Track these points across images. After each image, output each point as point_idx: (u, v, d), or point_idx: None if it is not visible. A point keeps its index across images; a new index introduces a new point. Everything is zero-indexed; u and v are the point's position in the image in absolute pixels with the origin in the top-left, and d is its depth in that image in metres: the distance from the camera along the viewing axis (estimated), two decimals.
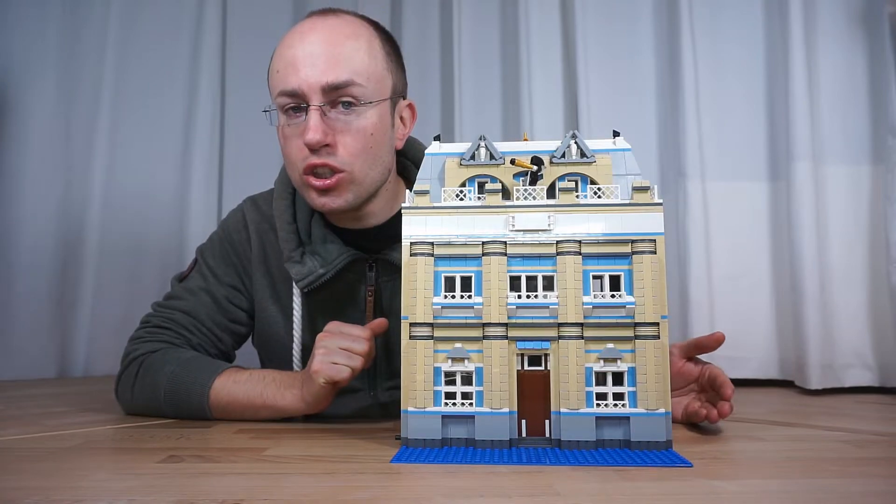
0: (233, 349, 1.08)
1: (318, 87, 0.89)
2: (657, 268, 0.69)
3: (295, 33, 0.93)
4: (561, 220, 0.71)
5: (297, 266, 0.96)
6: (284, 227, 0.99)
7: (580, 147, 0.74)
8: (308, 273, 0.95)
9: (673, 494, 0.54)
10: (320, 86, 0.89)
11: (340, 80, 0.89)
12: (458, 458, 0.66)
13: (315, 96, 0.89)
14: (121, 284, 1.82)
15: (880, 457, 0.70)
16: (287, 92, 0.90)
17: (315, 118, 0.89)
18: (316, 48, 0.90)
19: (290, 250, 0.97)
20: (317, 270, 0.95)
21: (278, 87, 0.91)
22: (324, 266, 0.96)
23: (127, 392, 0.97)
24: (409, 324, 0.71)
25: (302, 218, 1.01)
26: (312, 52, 0.89)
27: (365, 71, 0.91)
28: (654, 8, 1.68)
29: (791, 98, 1.47)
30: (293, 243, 0.97)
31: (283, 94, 0.91)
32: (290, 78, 0.90)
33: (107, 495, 0.54)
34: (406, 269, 0.72)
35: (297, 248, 0.97)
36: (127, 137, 1.87)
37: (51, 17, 1.80)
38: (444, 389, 0.70)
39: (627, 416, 0.67)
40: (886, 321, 1.43)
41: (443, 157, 0.77)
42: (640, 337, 0.68)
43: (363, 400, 1.00)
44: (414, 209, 0.74)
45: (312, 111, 0.89)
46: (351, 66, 0.90)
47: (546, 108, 1.70)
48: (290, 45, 0.91)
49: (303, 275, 0.95)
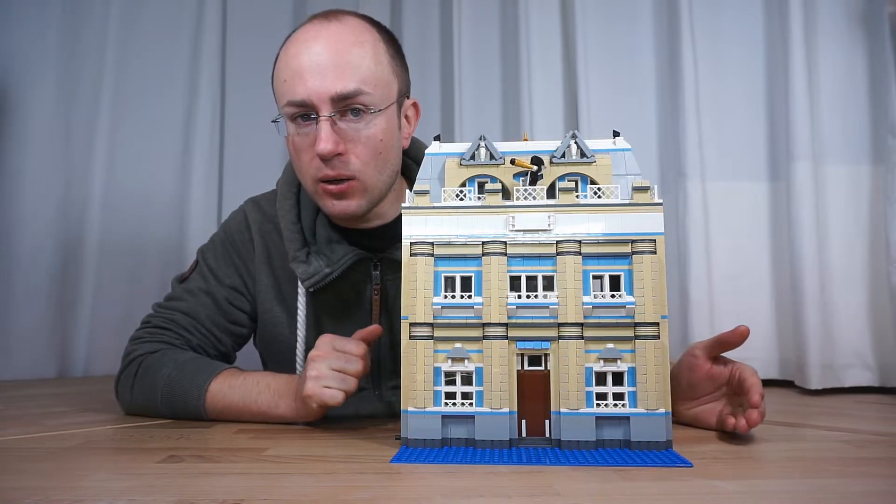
0: (233, 350, 1.08)
1: (326, 98, 0.88)
2: (657, 268, 0.69)
3: (299, 41, 0.92)
4: (561, 220, 0.71)
5: (302, 266, 0.96)
6: (289, 227, 0.99)
7: (580, 147, 0.74)
8: (314, 273, 0.95)
9: (673, 494, 0.54)
10: (329, 96, 0.88)
11: (349, 89, 0.89)
12: (458, 458, 0.66)
13: (324, 106, 0.89)
14: (121, 284, 1.82)
15: (880, 457, 0.70)
16: (295, 102, 0.90)
17: (326, 129, 0.88)
18: (322, 57, 0.89)
19: (296, 250, 0.97)
20: (322, 270, 0.95)
21: (286, 96, 0.91)
22: (329, 266, 0.96)
23: (126, 392, 0.97)
24: (409, 324, 0.71)
25: (307, 218, 1.01)
26: (319, 61, 0.89)
27: (372, 78, 0.91)
28: (654, 8, 1.68)
29: (791, 98, 1.47)
30: (298, 243, 0.97)
31: (291, 104, 0.91)
32: (297, 88, 0.89)
33: (107, 495, 0.54)
34: (406, 269, 0.72)
35: (303, 248, 0.97)
36: (127, 137, 1.87)
37: (51, 17, 1.80)
38: (444, 389, 0.70)
39: (627, 416, 0.67)
40: (886, 321, 1.42)
41: (443, 157, 0.77)
42: (640, 337, 0.69)
43: (368, 399, 1.00)
44: (414, 209, 0.74)
45: (323, 122, 0.89)
46: (358, 75, 0.90)
47: (546, 108, 1.70)
48: (296, 54, 0.90)
49: (308, 274, 0.95)
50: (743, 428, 0.76)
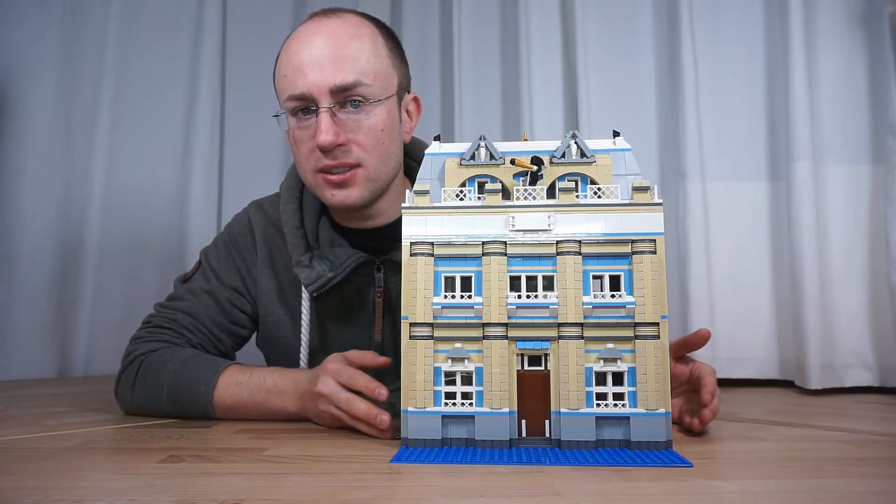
0: (232, 350, 1.08)
1: (326, 90, 0.90)
2: (657, 268, 0.69)
3: (299, 37, 0.93)
4: (561, 220, 0.71)
5: (306, 270, 0.96)
6: (292, 232, 0.99)
7: (580, 147, 0.74)
8: (317, 277, 0.95)
9: (673, 494, 0.54)
10: (328, 88, 0.90)
11: (347, 81, 0.90)
12: (458, 458, 0.66)
13: (324, 98, 0.90)
14: (121, 284, 1.82)
15: (880, 457, 0.70)
16: (296, 96, 0.91)
17: (326, 120, 0.89)
18: (321, 51, 0.90)
19: (299, 255, 0.97)
20: (326, 274, 0.95)
21: (286, 91, 0.92)
22: (333, 270, 0.96)
23: (127, 391, 0.97)
24: (409, 324, 0.71)
25: (309, 222, 1.02)
26: (318, 55, 0.90)
27: (371, 70, 0.92)
28: (654, 8, 1.68)
29: (791, 98, 1.47)
30: (302, 248, 0.98)
31: (292, 97, 0.92)
32: (297, 82, 0.91)
33: (107, 495, 0.54)
34: (406, 269, 0.72)
35: (306, 253, 0.97)
36: (127, 137, 1.87)
37: (51, 17, 1.80)
38: (444, 389, 0.70)
39: (627, 416, 0.67)
40: (886, 321, 1.42)
41: (443, 157, 0.77)
42: (640, 337, 0.69)
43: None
44: (414, 209, 0.74)
45: (323, 113, 0.90)
46: (357, 67, 0.91)
47: (546, 108, 1.70)
48: (296, 50, 0.92)
49: (312, 279, 0.95)
50: (696, 426, 0.79)
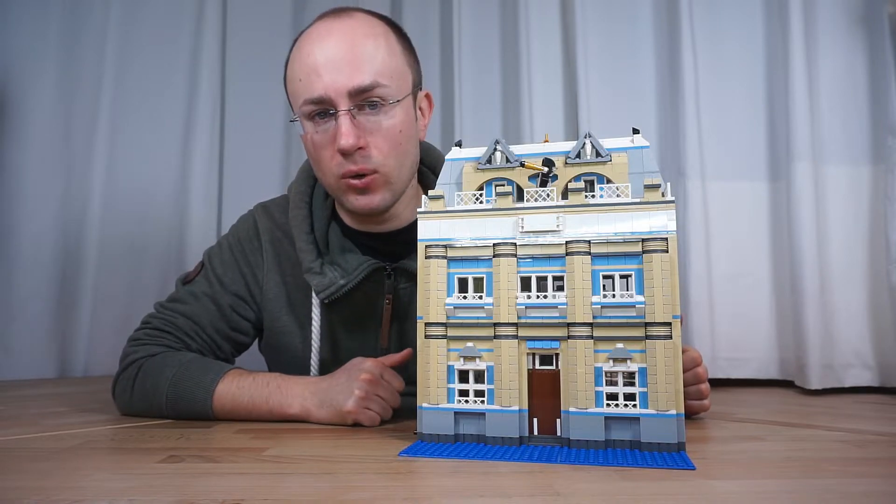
0: (232, 356, 1.07)
1: (344, 92, 0.88)
2: (668, 267, 0.68)
3: (311, 39, 0.91)
4: (571, 220, 0.71)
5: (317, 277, 0.95)
6: (303, 238, 0.98)
7: (595, 146, 0.74)
8: (329, 284, 0.94)
9: (673, 494, 0.54)
10: (347, 90, 0.88)
11: (366, 83, 0.88)
12: (465, 453, 0.66)
13: (342, 101, 0.88)
14: (121, 284, 1.82)
15: (880, 457, 0.70)
16: (313, 100, 0.89)
17: (346, 123, 0.88)
18: (336, 52, 0.89)
19: (310, 261, 0.96)
20: (338, 282, 0.95)
21: (303, 95, 0.90)
22: (344, 276, 0.95)
23: (125, 394, 0.96)
24: (423, 323, 0.73)
25: (319, 227, 1.01)
26: (334, 56, 0.88)
27: (387, 70, 0.91)
28: (654, 8, 1.68)
29: (791, 98, 1.47)
30: (313, 254, 0.97)
31: (309, 101, 0.90)
32: (314, 85, 0.89)
33: (107, 495, 0.54)
34: (421, 272, 0.74)
35: (317, 259, 0.96)
36: (127, 137, 1.87)
37: (51, 17, 1.80)
38: (457, 387, 0.72)
39: (637, 416, 0.67)
40: (886, 321, 1.43)
41: (462, 161, 0.78)
42: (650, 337, 0.67)
43: None
44: (428, 213, 0.75)
45: (342, 116, 0.88)
46: (374, 67, 0.89)
47: (546, 108, 1.70)
48: (309, 52, 0.90)
49: (324, 286, 0.94)
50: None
